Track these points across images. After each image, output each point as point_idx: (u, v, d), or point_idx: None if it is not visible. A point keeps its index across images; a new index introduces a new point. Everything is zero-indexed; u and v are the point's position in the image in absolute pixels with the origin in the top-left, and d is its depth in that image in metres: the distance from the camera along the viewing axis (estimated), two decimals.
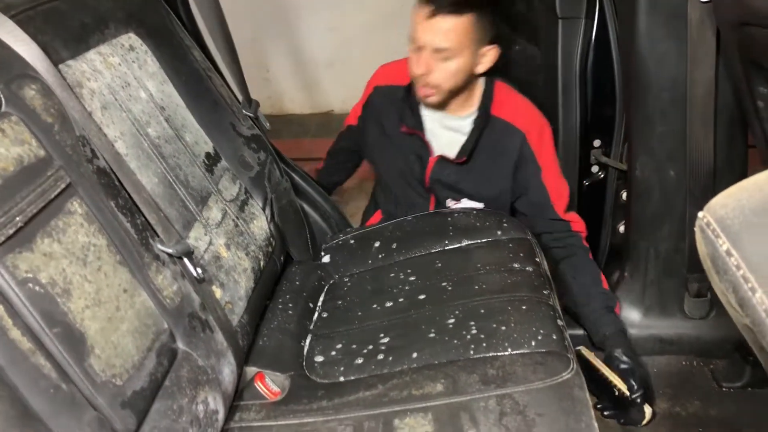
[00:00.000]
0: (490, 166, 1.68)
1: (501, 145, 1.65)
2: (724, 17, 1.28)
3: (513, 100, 1.69)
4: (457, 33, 1.50)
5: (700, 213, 0.54)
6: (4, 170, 0.85)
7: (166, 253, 1.08)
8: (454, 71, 1.56)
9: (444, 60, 1.54)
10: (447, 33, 1.50)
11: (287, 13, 3.62)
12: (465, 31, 1.51)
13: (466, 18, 1.50)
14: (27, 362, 0.80)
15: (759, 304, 0.50)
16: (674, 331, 1.79)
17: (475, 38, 1.53)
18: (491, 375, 1.13)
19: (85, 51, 1.17)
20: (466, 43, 1.52)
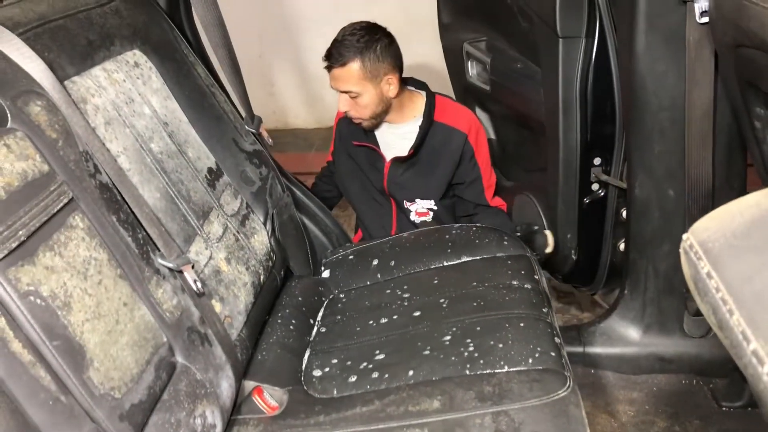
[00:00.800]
0: (436, 163, 1.95)
1: (446, 145, 1.93)
2: (722, 39, 1.29)
3: (453, 108, 1.99)
4: (351, 77, 1.82)
5: (684, 235, 0.55)
6: (9, 185, 0.87)
7: (167, 267, 1.09)
8: (365, 104, 1.86)
9: (354, 98, 1.85)
10: (344, 80, 1.83)
11: (292, 30, 3.66)
12: (354, 75, 1.82)
13: (351, 65, 1.81)
14: (27, 374, 0.81)
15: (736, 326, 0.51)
16: (674, 350, 1.79)
17: (367, 77, 1.82)
18: (488, 392, 1.13)
19: (90, 67, 1.19)
20: (362, 82, 1.82)
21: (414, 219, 2.00)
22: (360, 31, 1.82)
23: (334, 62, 1.82)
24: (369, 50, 1.80)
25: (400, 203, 2.00)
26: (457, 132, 1.93)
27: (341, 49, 1.81)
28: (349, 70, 1.81)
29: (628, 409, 1.74)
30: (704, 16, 1.35)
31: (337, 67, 1.82)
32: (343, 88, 1.84)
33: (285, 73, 3.79)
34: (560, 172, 1.81)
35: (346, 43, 1.81)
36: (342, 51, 1.80)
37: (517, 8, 1.84)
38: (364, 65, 1.81)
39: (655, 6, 1.44)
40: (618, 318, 1.83)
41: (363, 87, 1.83)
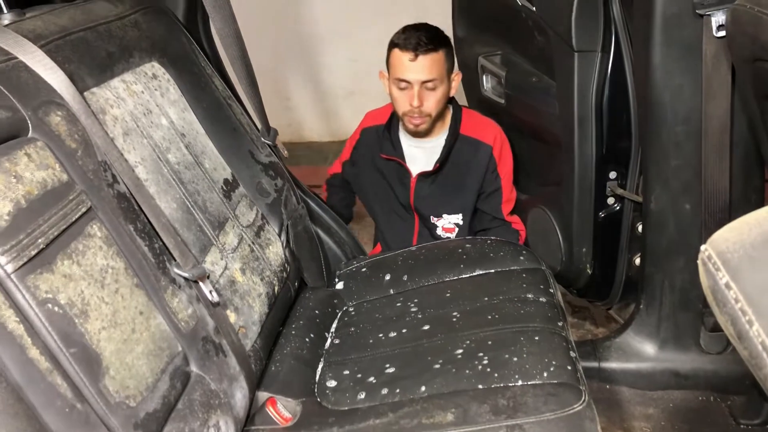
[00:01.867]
0: (463, 177, 1.95)
1: (472, 158, 1.94)
2: (739, 53, 1.29)
3: (479, 120, 1.99)
4: (438, 64, 1.82)
5: (703, 246, 0.55)
6: (29, 194, 0.88)
7: (183, 276, 1.10)
8: (440, 98, 1.86)
9: (431, 90, 1.83)
10: (430, 67, 1.81)
11: (308, 44, 3.69)
12: (441, 63, 1.82)
13: (440, 53, 1.81)
14: (44, 381, 0.82)
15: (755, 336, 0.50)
16: (690, 366, 1.77)
17: (447, 68, 1.85)
18: (502, 405, 1.12)
19: (109, 79, 1.20)
20: (443, 72, 1.84)
21: (440, 234, 1.98)
22: (430, 26, 1.85)
23: (423, 47, 1.79)
24: (449, 42, 1.85)
25: (426, 219, 1.99)
26: (482, 144, 1.94)
27: (428, 36, 1.80)
28: (439, 56, 1.81)
29: (643, 426, 1.72)
30: (721, 29, 1.35)
31: (427, 52, 1.79)
32: (428, 75, 1.81)
33: (301, 86, 3.82)
34: (575, 185, 1.81)
35: (429, 33, 1.81)
36: (430, 37, 1.80)
37: (532, 22, 1.84)
38: (448, 54, 1.84)
39: (672, 20, 1.44)
40: (633, 333, 1.81)
41: (443, 78, 1.83)
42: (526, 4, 1.83)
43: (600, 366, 1.84)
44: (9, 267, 0.82)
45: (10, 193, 0.86)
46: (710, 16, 1.36)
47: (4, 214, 0.84)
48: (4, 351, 0.78)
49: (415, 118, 1.87)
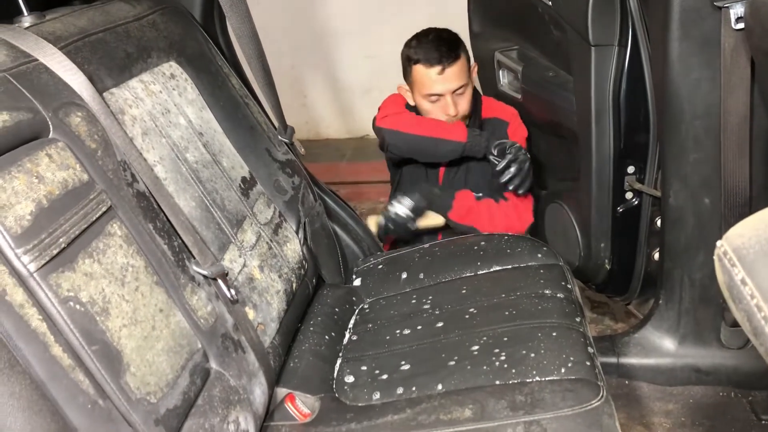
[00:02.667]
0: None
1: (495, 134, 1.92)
2: (758, 44, 1.28)
3: (496, 104, 2.04)
4: (463, 69, 1.87)
5: (719, 242, 0.55)
6: (50, 193, 0.90)
7: (202, 274, 1.11)
8: (470, 97, 1.91)
9: (462, 94, 1.88)
10: (459, 75, 1.86)
11: (325, 42, 3.70)
12: (465, 68, 1.87)
13: (462, 57, 1.86)
14: (67, 378, 0.83)
15: None
16: (710, 361, 1.76)
17: (468, 67, 1.90)
18: (520, 401, 1.12)
19: (128, 79, 1.22)
20: (468, 73, 1.89)
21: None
22: (442, 30, 1.89)
23: (448, 60, 1.82)
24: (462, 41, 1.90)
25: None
26: (501, 122, 1.96)
27: (451, 45, 1.84)
28: (463, 63, 1.86)
29: (663, 421, 1.71)
30: (740, 21, 1.33)
31: (452, 63, 1.83)
32: (458, 83, 1.85)
33: (317, 84, 3.83)
34: (593, 180, 1.80)
35: (450, 39, 1.85)
36: (452, 46, 1.84)
37: (548, 17, 1.83)
38: (466, 56, 1.89)
39: (690, 13, 1.42)
40: (653, 328, 1.80)
41: (467, 79, 1.89)
42: None
43: (619, 361, 1.83)
44: (32, 266, 0.83)
45: (32, 194, 0.87)
46: (729, 8, 1.34)
47: (27, 214, 0.85)
48: (28, 348, 0.80)
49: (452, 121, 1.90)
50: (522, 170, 1.82)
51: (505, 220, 1.88)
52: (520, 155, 1.82)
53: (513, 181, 1.81)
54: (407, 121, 1.89)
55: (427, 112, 1.90)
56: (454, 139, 1.85)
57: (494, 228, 1.85)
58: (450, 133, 1.86)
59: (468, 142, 1.84)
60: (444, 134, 1.86)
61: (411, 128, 1.87)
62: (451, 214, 1.89)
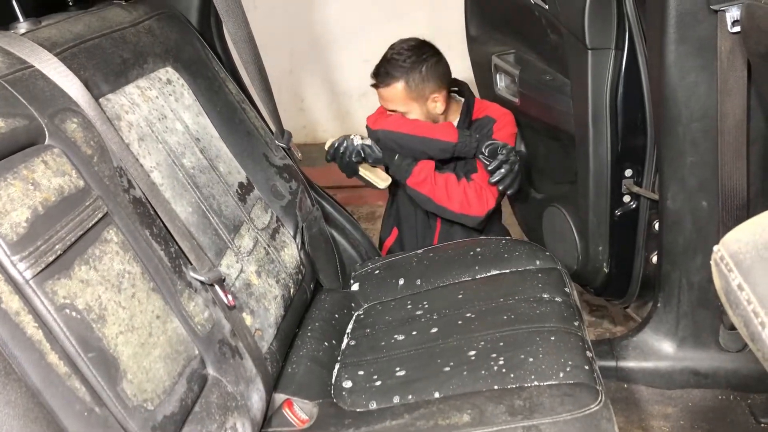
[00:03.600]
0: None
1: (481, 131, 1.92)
2: (754, 48, 1.28)
3: (489, 104, 2.02)
4: (396, 97, 1.86)
5: (715, 247, 0.55)
6: (46, 200, 0.89)
7: (199, 280, 1.11)
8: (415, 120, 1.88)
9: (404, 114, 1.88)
10: (389, 99, 1.88)
11: (322, 46, 3.70)
12: (401, 95, 1.86)
13: (395, 86, 1.85)
14: (63, 386, 0.83)
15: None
16: (709, 364, 1.76)
17: (412, 96, 1.86)
18: (518, 406, 1.12)
19: (124, 85, 1.22)
20: (407, 101, 1.86)
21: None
22: (407, 51, 1.85)
23: (380, 82, 1.87)
24: (414, 71, 1.84)
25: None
26: (488, 118, 1.96)
27: (387, 68, 1.85)
28: (394, 90, 1.85)
29: (662, 425, 1.71)
30: (736, 25, 1.33)
31: (382, 87, 1.86)
32: (389, 107, 1.89)
33: (315, 88, 3.83)
34: (591, 184, 1.80)
35: (392, 63, 1.85)
36: (388, 71, 1.85)
37: (545, 20, 1.83)
38: (409, 86, 1.84)
39: (686, 16, 1.42)
40: (651, 331, 1.80)
41: (409, 106, 1.87)
42: (539, 2, 1.82)
43: (618, 365, 1.83)
44: (27, 273, 0.83)
45: (27, 200, 0.87)
46: (725, 11, 1.34)
47: (22, 221, 0.85)
48: (24, 356, 0.80)
49: None
50: (512, 171, 1.82)
51: (462, 197, 1.86)
52: (511, 156, 1.82)
53: (503, 181, 1.81)
54: (399, 121, 1.90)
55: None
56: (445, 139, 1.85)
57: (449, 201, 1.86)
58: (441, 133, 1.87)
59: (459, 142, 1.85)
60: (435, 134, 1.86)
61: (403, 128, 1.88)
62: (409, 180, 1.89)
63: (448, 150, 1.86)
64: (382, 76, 1.85)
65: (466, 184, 1.87)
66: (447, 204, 1.86)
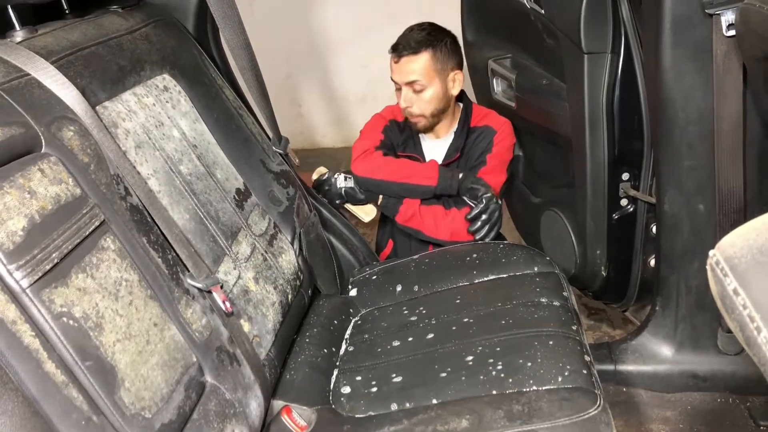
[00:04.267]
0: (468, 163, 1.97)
1: (478, 141, 1.96)
2: (750, 51, 1.28)
3: (488, 112, 2.03)
4: (421, 68, 1.85)
5: (711, 251, 0.55)
6: (43, 209, 0.89)
7: (196, 287, 1.11)
8: (430, 98, 1.88)
9: (419, 91, 1.87)
10: (413, 70, 1.85)
11: (320, 52, 3.70)
12: (427, 66, 1.85)
13: (424, 55, 1.84)
14: (60, 394, 0.82)
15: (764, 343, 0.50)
16: (708, 367, 1.76)
17: (437, 69, 1.86)
18: (517, 411, 1.12)
19: (121, 92, 1.22)
20: (431, 74, 1.86)
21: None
22: (430, 27, 1.89)
23: (405, 50, 1.84)
24: (440, 43, 1.86)
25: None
26: (489, 129, 1.97)
27: (416, 38, 1.85)
28: (420, 59, 1.84)
29: (661, 428, 1.71)
30: (731, 28, 1.34)
31: (407, 54, 1.84)
32: (410, 77, 1.85)
33: (312, 93, 3.84)
34: (588, 187, 1.80)
35: (417, 35, 1.85)
36: (417, 39, 1.85)
37: (541, 25, 1.84)
38: (435, 56, 1.85)
39: (681, 20, 1.43)
40: (650, 335, 1.80)
41: (430, 79, 1.86)
42: (535, 6, 1.82)
43: (616, 369, 1.82)
44: (24, 282, 0.83)
45: (24, 209, 0.87)
46: (720, 15, 1.35)
47: (19, 230, 0.85)
48: (21, 365, 0.79)
49: (411, 117, 1.93)
50: (490, 221, 1.82)
51: (451, 226, 1.87)
52: (491, 205, 1.82)
53: (479, 231, 1.81)
54: (378, 165, 1.91)
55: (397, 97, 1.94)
56: (424, 183, 1.88)
57: (438, 232, 1.88)
58: (421, 177, 1.89)
59: (438, 185, 1.87)
60: (414, 179, 1.89)
61: (381, 173, 1.90)
62: (398, 217, 1.92)
63: (428, 193, 1.89)
64: (409, 46, 1.84)
65: (455, 212, 1.89)
66: (436, 235, 1.89)
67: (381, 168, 1.90)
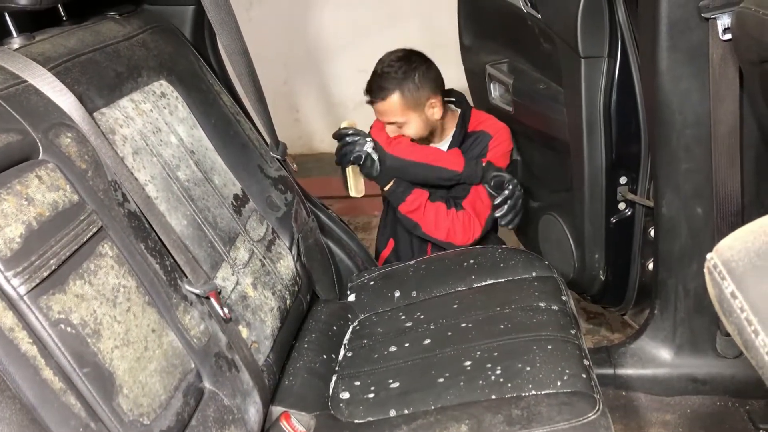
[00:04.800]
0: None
1: (473, 146, 1.95)
2: (746, 55, 1.29)
3: (485, 117, 2.02)
4: (394, 109, 1.86)
5: (709, 255, 0.55)
6: (40, 215, 0.89)
7: (194, 293, 1.11)
8: (415, 129, 1.89)
9: (401, 127, 1.89)
10: (387, 112, 1.88)
11: (317, 57, 3.71)
12: (398, 106, 1.86)
13: (392, 98, 1.85)
14: (58, 401, 0.82)
15: (761, 346, 0.50)
16: (707, 371, 1.75)
17: (409, 106, 1.86)
18: (516, 415, 1.12)
19: (118, 99, 1.22)
20: (405, 111, 1.86)
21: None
22: (397, 62, 1.86)
23: (375, 97, 1.87)
24: (407, 80, 1.84)
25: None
26: (484, 134, 1.97)
27: (381, 83, 1.85)
28: (390, 102, 1.85)
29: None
30: (727, 32, 1.34)
31: (378, 101, 1.87)
32: (388, 120, 1.89)
33: (310, 99, 3.84)
34: (586, 191, 1.80)
35: (385, 76, 1.85)
36: (382, 85, 1.85)
37: (538, 29, 1.84)
38: (405, 96, 1.85)
39: (678, 24, 1.43)
40: (649, 339, 1.80)
41: (407, 116, 1.87)
42: (532, 11, 1.83)
43: (615, 372, 1.82)
44: (22, 289, 0.83)
45: (21, 216, 0.87)
46: (716, 19, 1.35)
47: (16, 236, 0.85)
48: (18, 372, 0.79)
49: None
50: (515, 207, 1.84)
51: (449, 227, 1.88)
52: (516, 192, 1.84)
53: (506, 217, 1.84)
54: (408, 148, 1.91)
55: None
56: (451, 168, 1.88)
57: (435, 231, 1.88)
58: (448, 161, 1.89)
59: (464, 172, 1.87)
60: (442, 162, 1.89)
61: (411, 155, 1.89)
62: (403, 206, 1.91)
63: (454, 178, 1.89)
64: (377, 91, 1.86)
65: (454, 214, 1.89)
66: (433, 233, 1.89)
67: (411, 151, 1.90)
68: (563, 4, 1.69)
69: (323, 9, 3.62)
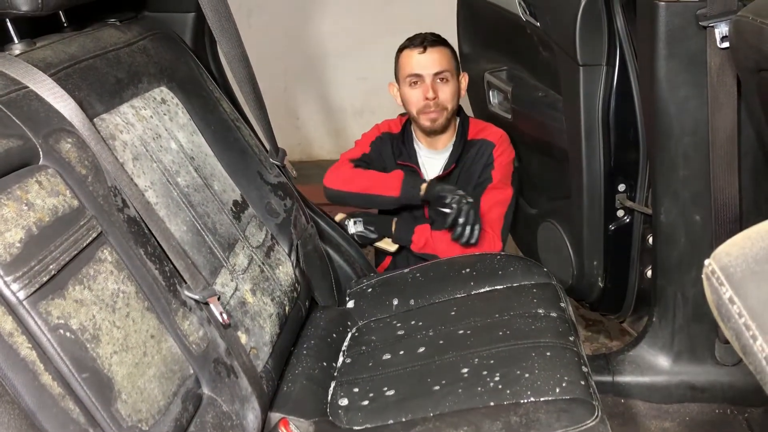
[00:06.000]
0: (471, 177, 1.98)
1: (478, 157, 1.98)
2: (743, 63, 1.29)
3: (484, 125, 2.05)
4: (447, 59, 1.92)
5: (707, 261, 0.55)
6: (40, 220, 0.89)
7: (193, 299, 1.11)
8: (453, 91, 1.93)
9: (444, 82, 1.91)
10: (440, 59, 1.90)
11: (317, 64, 3.72)
12: (449, 59, 1.93)
13: (447, 48, 1.93)
14: (57, 407, 0.82)
15: (760, 351, 0.50)
16: (706, 378, 1.76)
17: (454, 65, 1.94)
18: (515, 422, 1.12)
19: (118, 105, 1.22)
20: (453, 66, 1.94)
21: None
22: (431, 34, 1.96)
23: (433, 43, 1.90)
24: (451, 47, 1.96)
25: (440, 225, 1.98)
26: (487, 143, 1.98)
27: (435, 36, 1.93)
28: (445, 51, 1.92)
29: None
30: (725, 41, 1.35)
31: (434, 45, 1.90)
32: (439, 67, 1.90)
33: (309, 105, 3.85)
34: (584, 198, 1.81)
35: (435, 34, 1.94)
36: (437, 36, 1.93)
37: (536, 37, 1.85)
38: (453, 54, 1.95)
39: (676, 32, 1.44)
40: (647, 346, 1.80)
41: (452, 73, 1.92)
42: (531, 19, 1.84)
43: (614, 380, 1.82)
44: (21, 294, 0.83)
45: (21, 221, 0.87)
46: (713, 27, 1.36)
47: (16, 241, 0.85)
48: (17, 377, 0.79)
49: (432, 113, 1.92)
50: (468, 222, 1.79)
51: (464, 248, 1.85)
52: (463, 206, 1.79)
53: (462, 237, 1.79)
54: (346, 178, 1.95)
55: (408, 101, 1.94)
56: (387, 194, 1.91)
57: (452, 252, 1.85)
58: (384, 187, 1.91)
59: (401, 195, 1.89)
60: (378, 189, 1.92)
61: (348, 185, 1.94)
62: (413, 246, 1.94)
63: (393, 203, 1.92)
64: (433, 40, 1.91)
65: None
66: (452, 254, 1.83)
67: (348, 180, 1.94)
68: (562, 13, 1.70)
69: (323, 17, 3.63)
